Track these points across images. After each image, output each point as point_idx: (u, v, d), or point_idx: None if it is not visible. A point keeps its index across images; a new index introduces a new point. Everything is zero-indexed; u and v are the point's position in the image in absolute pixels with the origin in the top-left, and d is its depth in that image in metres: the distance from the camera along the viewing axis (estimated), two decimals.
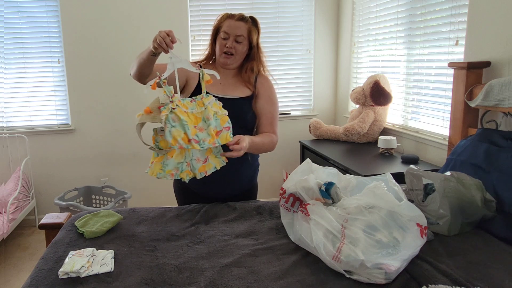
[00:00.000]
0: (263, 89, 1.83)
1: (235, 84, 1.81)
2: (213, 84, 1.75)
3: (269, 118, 1.84)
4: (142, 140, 1.53)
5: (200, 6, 3.56)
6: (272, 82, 1.89)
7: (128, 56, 3.50)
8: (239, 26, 1.73)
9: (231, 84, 1.80)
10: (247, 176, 1.85)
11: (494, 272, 1.20)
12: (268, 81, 1.87)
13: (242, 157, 1.77)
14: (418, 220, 1.29)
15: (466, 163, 1.71)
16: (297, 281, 1.17)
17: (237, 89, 1.80)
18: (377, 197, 1.35)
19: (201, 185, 1.78)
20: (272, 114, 1.85)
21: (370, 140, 3.09)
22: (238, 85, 1.81)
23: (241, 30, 1.73)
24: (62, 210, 3.03)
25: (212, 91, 1.74)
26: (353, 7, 3.51)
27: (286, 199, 1.51)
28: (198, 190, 1.82)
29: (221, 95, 1.74)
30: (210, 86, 1.74)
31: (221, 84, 1.78)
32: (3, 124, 3.51)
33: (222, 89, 1.77)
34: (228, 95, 1.76)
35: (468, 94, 1.99)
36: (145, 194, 3.72)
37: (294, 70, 3.83)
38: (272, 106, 1.85)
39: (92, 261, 1.26)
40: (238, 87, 1.80)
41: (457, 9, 2.28)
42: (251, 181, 1.89)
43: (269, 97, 1.84)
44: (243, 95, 1.78)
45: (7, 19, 3.36)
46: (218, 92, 1.75)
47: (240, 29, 1.73)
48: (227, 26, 1.73)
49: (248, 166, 1.84)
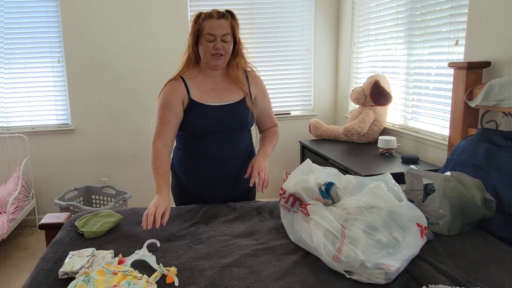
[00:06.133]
0: (257, 88, 1.82)
1: (226, 86, 1.76)
2: (206, 91, 1.73)
3: (269, 113, 1.89)
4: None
5: (200, 6, 3.56)
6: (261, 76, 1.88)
7: (128, 56, 3.51)
8: (222, 25, 1.64)
9: (223, 87, 1.76)
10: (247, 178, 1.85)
11: (494, 272, 1.20)
12: (257, 78, 1.85)
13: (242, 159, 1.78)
14: (418, 220, 1.29)
15: (466, 163, 1.71)
16: (297, 281, 1.17)
17: (231, 92, 1.75)
18: (377, 197, 1.35)
19: (200, 188, 1.78)
20: (269, 107, 1.89)
21: (370, 140, 3.09)
22: (230, 86, 1.77)
23: (225, 28, 1.65)
24: (62, 210, 3.03)
25: (208, 101, 1.71)
26: (353, 7, 3.50)
27: (286, 199, 1.51)
28: (197, 193, 1.81)
29: (218, 103, 1.71)
30: (203, 95, 1.72)
31: (213, 89, 1.74)
32: (3, 124, 3.50)
33: (216, 96, 1.73)
34: (224, 101, 1.72)
35: (468, 94, 1.99)
36: (145, 194, 3.72)
37: (294, 70, 3.82)
38: (267, 100, 1.88)
39: (92, 261, 1.26)
40: (231, 89, 1.76)
41: (457, 9, 2.28)
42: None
43: (263, 94, 1.85)
44: (238, 98, 1.75)
45: (7, 19, 3.35)
46: (214, 101, 1.71)
47: (224, 27, 1.64)
48: (210, 28, 1.64)
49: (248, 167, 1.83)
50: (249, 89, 1.79)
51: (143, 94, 3.58)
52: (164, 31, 3.52)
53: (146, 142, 3.63)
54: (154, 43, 3.52)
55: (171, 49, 3.54)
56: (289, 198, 1.51)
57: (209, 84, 1.75)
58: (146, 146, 3.71)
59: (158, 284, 1.16)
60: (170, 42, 3.53)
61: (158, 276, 1.20)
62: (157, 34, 3.51)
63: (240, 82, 1.76)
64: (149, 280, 1.16)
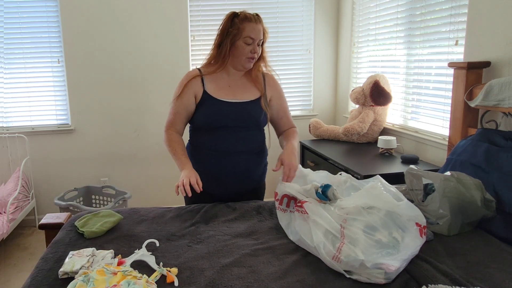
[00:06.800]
0: (273, 90, 1.85)
1: (244, 85, 1.81)
2: (222, 88, 1.77)
3: (286, 114, 1.91)
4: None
5: (200, 6, 3.56)
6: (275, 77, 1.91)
7: (128, 56, 3.51)
8: (260, 29, 1.71)
9: (240, 86, 1.80)
10: (257, 176, 1.86)
11: (494, 272, 1.20)
12: (274, 81, 1.89)
13: (252, 157, 1.79)
14: (417, 220, 1.29)
15: (466, 163, 1.71)
16: (297, 281, 1.17)
17: (247, 91, 1.80)
18: (375, 198, 1.35)
19: (210, 183, 1.79)
20: (287, 108, 1.92)
21: (370, 140, 3.09)
22: (247, 86, 1.81)
23: (261, 33, 1.72)
24: (62, 210, 3.03)
25: (222, 96, 1.75)
26: (353, 7, 3.51)
27: (279, 200, 1.53)
28: (207, 188, 1.81)
29: (231, 100, 1.75)
30: (218, 90, 1.76)
31: (229, 87, 1.78)
32: (3, 124, 3.50)
33: (232, 93, 1.77)
34: (238, 99, 1.76)
35: (468, 94, 1.99)
36: (145, 194, 3.72)
37: (294, 70, 3.83)
38: (284, 102, 1.91)
39: (92, 261, 1.26)
40: (247, 89, 1.80)
41: (457, 9, 2.28)
42: (260, 180, 1.90)
43: (279, 96, 1.88)
44: (253, 97, 1.79)
45: (7, 19, 3.35)
46: (228, 97, 1.75)
47: (261, 32, 1.72)
48: (251, 31, 1.68)
49: (258, 166, 1.85)
50: (265, 90, 1.82)
51: (143, 94, 3.59)
52: (164, 31, 3.52)
53: (146, 142, 3.67)
54: (154, 43, 3.52)
55: (171, 49, 3.55)
56: (283, 198, 1.52)
57: (227, 82, 1.79)
58: (146, 146, 3.74)
59: (158, 284, 1.16)
60: (170, 42, 3.53)
61: (158, 276, 1.20)
62: (157, 34, 3.51)
63: (259, 82, 1.81)
64: (149, 280, 1.16)
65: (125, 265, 1.24)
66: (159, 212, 1.69)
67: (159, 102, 3.58)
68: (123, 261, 1.26)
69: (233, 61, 1.75)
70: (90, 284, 1.10)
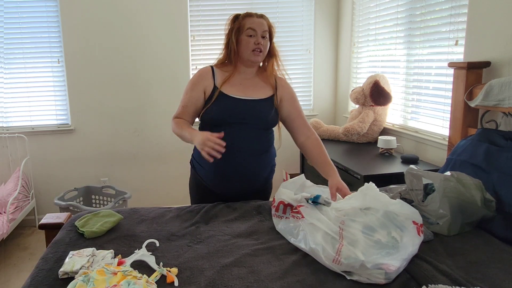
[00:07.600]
0: (284, 92, 1.85)
1: (255, 84, 1.81)
2: (233, 84, 1.77)
3: (301, 117, 1.88)
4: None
5: (200, 6, 3.56)
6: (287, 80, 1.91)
7: (128, 56, 3.51)
8: (262, 22, 1.74)
9: (251, 84, 1.80)
10: (263, 176, 1.86)
11: (494, 272, 1.20)
12: (285, 82, 1.89)
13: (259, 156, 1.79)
14: (414, 218, 1.29)
15: (466, 163, 1.71)
16: (297, 281, 1.17)
17: (258, 89, 1.80)
18: (371, 198, 1.35)
19: (218, 182, 1.79)
20: (301, 111, 1.90)
21: (370, 140, 3.09)
22: (259, 85, 1.81)
23: (264, 26, 1.74)
24: (62, 210, 3.03)
25: (233, 93, 1.75)
26: (353, 7, 3.51)
27: (276, 207, 1.52)
28: (214, 187, 1.82)
29: (241, 97, 1.75)
30: (229, 87, 1.76)
31: (241, 84, 1.78)
32: (3, 124, 3.50)
33: (243, 90, 1.77)
34: (248, 96, 1.76)
35: (468, 94, 1.99)
36: (145, 194, 3.72)
37: (294, 70, 3.82)
38: (297, 103, 1.89)
39: (92, 261, 1.26)
40: (259, 88, 1.80)
41: (457, 9, 2.28)
42: (267, 180, 1.90)
43: (291, 98, 1.86)
44: (264, 96, 1.79)
45: (7, 19, 3.35)
46: (239, 94, 1.75)
47: (264, 25, 1.74)
48: (251, 23, 1.72)
49: (266, 166, 1.84)
50: (276, 91, 1.82)
51: (143, 94, 3.59)
52: (164, 31, 3.52)
53: (146, 142, 3.67)
54: (154, 43, 3.52)
55: (171, 49, 3.55)
56: (279, 205, 1.51)
57: (239, 80, 1.80)
58: (146, 146, 3.74)
59: (158, 284, 1.16)
60: (170, 42, 3.53)
61: (158, 276, 1.20)
62: (157, 34, 3.51)
63: (271, 82, 1.81)
64: (149, 280, 1.16)
65: (125, 265, 1.24)
66: (159, 212, 1.69)
67: (159, 102, 3.59)
68: (123, 261, 1.26)
69: (241, 58, 1.77)
70: (90, 284, 1.10)
